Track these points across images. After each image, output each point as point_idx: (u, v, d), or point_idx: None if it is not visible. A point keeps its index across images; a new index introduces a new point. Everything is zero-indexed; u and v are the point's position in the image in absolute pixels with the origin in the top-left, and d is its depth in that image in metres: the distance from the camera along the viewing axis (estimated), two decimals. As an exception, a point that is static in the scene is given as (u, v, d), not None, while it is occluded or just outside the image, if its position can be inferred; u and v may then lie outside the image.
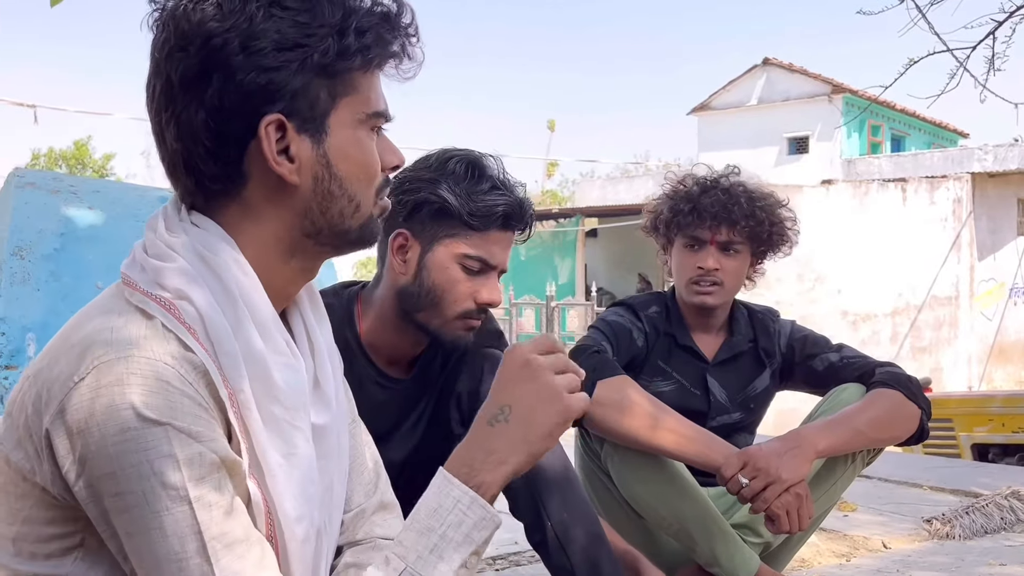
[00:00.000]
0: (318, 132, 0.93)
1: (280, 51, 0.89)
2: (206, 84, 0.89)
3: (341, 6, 0.92)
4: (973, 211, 13.64)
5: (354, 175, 0.96)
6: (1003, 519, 3.12)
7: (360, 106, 0.95)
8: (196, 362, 0.86)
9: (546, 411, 0.97)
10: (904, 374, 1.96)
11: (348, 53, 0.92)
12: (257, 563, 0.85)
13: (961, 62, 5.60)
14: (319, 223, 0.95)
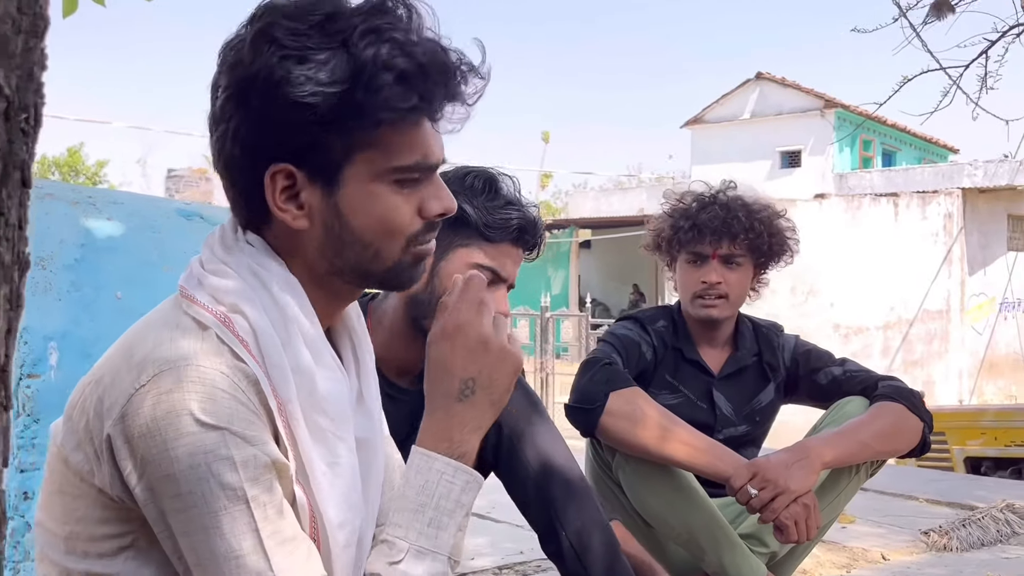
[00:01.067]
0: (330, 183, 0.94)
1: (289, 107, 0.89)
2: (226, 125, 0.94)
3: (357, 61, 0.89)
4: (964, 226, 13.75)
5: (369, 227, 0.95)
6: (999, 532, 3.17)
7: (381, 160, 0.94)
8: (248, 373, 0.90)
9: (502, 372, 1.03)
10: (907, 387, 2.01)
11: (358, 112, 0.90)
12: (305, 559, 0.90)
13: (954, 80, 5.68)
14: (338, 264, 0.98)
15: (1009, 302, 14.70)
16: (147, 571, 0.93)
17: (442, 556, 0.96)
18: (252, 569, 0.86)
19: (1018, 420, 6.42)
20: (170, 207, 2.39)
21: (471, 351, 1.01)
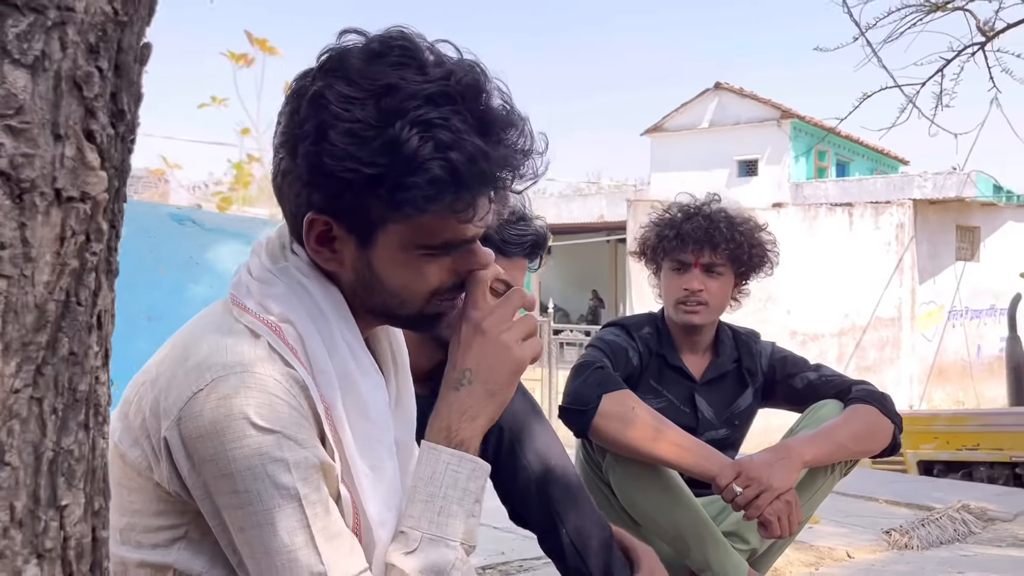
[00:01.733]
0: (364, 240, 0.98)
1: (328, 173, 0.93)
2: (277, 160, 0.99)
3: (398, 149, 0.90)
4: (915, 236, 14.15)
5: (396, 284, 1.00)
6: (956, 531, 3.32)
7: (410, 236, 0.97)
8: (298, 379, 0.96)
9: (501, 366, 1.06)
10: (878, 391, 2.12)
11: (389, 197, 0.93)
12: (350, 554, 0.96)
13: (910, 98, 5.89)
14: (367, 303, 1.04)
15: (957, 310, 15.14)
16: (198, 561, 0.99)
17: (454, 543, 1.01)
18: (303, 562, 0.92)
19: (969, 425, 6.65)
20: (163, 212, 2.43)
21: (469, 340, 1.05)
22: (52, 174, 0.58)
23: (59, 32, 0.57)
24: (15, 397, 0.57)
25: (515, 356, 1.06)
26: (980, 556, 2.97)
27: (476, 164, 0.92)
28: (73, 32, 0.58)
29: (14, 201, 0.56)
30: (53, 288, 0.59)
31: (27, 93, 0.56)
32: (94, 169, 0.61)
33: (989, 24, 5.52)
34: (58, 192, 0.59)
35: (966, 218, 15.34)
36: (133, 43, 0.65)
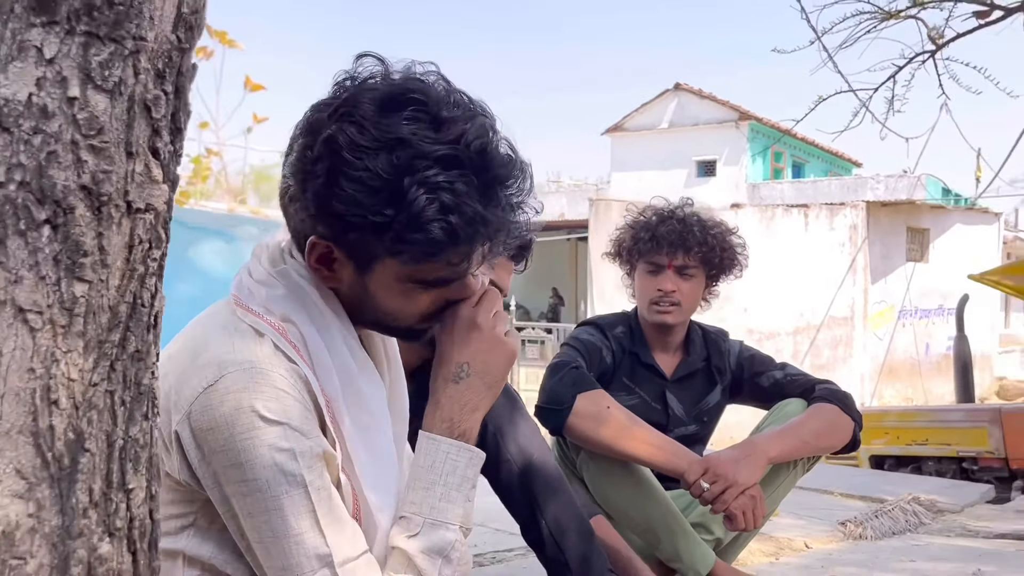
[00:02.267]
0: (362, 267, 1.04)
1: (330, 214, 0.99)
2: (285, 183, 1.05)
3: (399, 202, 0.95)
4: (868, 237, 14.49)
5: (391, 306, 1.07)
6: (907, 522, 3.47)
7: (409, 273, 1.03)
8: (301, 374, 1.02)
9: (497, 358, 1.13)
10: (840, 390, 2.23)
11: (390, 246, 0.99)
12: (352, 537, 1.02)
13: (864, 102, 6.08)
14: (361, 317, 1.11)
15: (907, 310, 15.54)
16: (206, 548, 1.05)
17: (454, 526, 1.08)
18: (309, 545, 0.98)
19: (918, 421, 6.88)
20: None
21: (465, 336, 1.12)
22: (124, 188, 0.64)
23: (133, 60, 0.63)
24: (93, 390, 0.62)
25: (508, 348, 1.14)
26: (930, 545, 3.11)
27: (474, 227, 0.98)
28: (145, 60, 0.64)
29: (94, 213, 0.62)
30: (124, 291, 0.65)
31: (106, 115, 0.62)
32: (158, 183, 0.67)
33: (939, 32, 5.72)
34: (129, 204, 0.65)
35: (916, 220, 15.75)
36: (189, 67, 0.71)
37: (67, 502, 0.60)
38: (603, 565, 1.71)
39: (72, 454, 0.61)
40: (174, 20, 0.67)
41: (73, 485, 0.61)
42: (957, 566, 2.71)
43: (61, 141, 0.59)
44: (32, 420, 0.58)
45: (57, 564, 0.60)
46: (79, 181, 0.61)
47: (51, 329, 0.59)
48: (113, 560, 0.64)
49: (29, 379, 0.58)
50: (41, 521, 0.59)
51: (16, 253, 0.58)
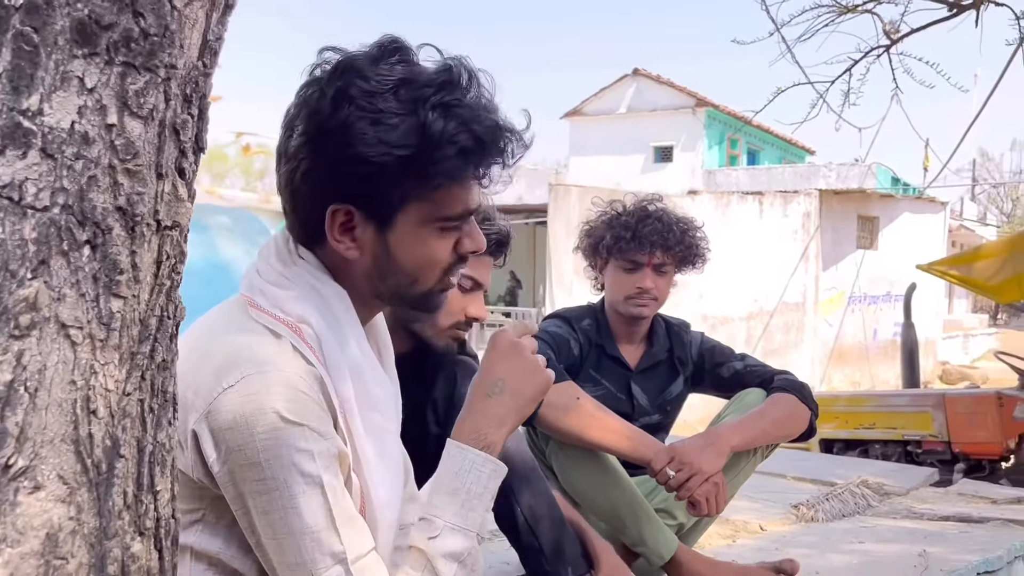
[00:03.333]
0: (384, 224, 1.09)
1: (357, 162, 1.03)
2: (296, 163, 1.08)
3: (424, 131, 1.02)
4: (820, 225, 14.80)
5: (412, 262, 1.11)
6: (856, 504, 3.60)
7: (430, 211, 1.09)
8: (317, 375, 1.06)
9: (532, 381, 1.20)
10: (798, 381, 2.32)
11: (420, 175, 1.05)
12: (363, 535, 1.06)
13: (821, 95, 6.23)
14: (380, 288, 1.14)
15: (856, 296, 15.93)
16: (214, 543, 1.08)
17: (472, 533, 1.14)
18: (325, 542, 1.02)
19: (866, 406, 7.11)
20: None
21: (503, 354, 1.19)
22: (155, 207, 0.68)
23: (165, 87, 0.67)
24: (127, 399, 0.66)
25: (544, 376, 1.20)
26: (878, 527, 3.25)
27: (495, 132, 1.06)
28: (175, 86, 0.68)
29: (128, 232, 0.66)
30: (153, 305, 0.69)
31: (141, 140, 0.66)
32: (183, 201, 0.71)
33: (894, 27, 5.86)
34: (158, 223, 0.68)
35: (866, 208, 16.12)
36: (209, 89, 0.74)
37: (104, 505, 0.64)
38: (576, 551, 1.78)
39: (109, 460, 0.65)
40: (200, 47, 0.70)
41: (110, 489, 0.65)
42: (904, 547, 2.83)
43: (100, 166, 0.63)
44: (73, 429, 0.62)
45: (95, 563, 0.64)
46: (115, 203, 0.64)
47: (90, 343, 0.63)
48: (143, 558, 0.68)
49: (71, 390, 0.62)
50: (81, 523, 0.63)
51: (59, 272, 0.61)
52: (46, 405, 0.61)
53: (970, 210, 25.98)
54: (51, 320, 0.61)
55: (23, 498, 0.59)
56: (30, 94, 0.59)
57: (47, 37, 0.60)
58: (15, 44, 0.59)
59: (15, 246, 0.59)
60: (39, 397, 0.60)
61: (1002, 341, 21.08)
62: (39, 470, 0.60)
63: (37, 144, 0.60)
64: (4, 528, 0.59)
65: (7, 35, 0.58)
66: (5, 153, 0.59)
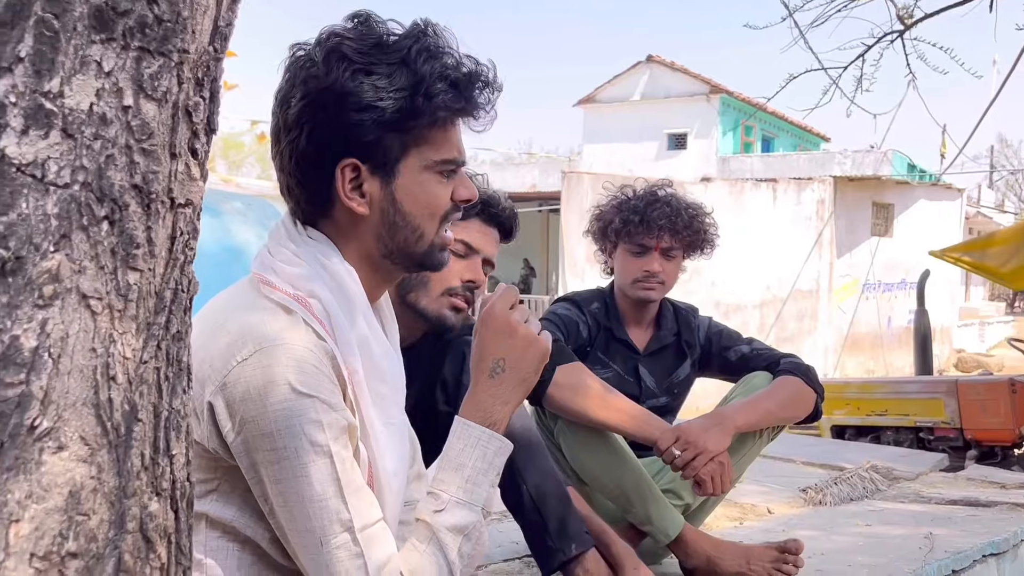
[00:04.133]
0: (388, 175, 1.15)
1: (358, 111, 1.11)
2: (300, 131, 1.13)
3: (415, 73, 1.11)
4: (834, 211, 14.73)
5: (416, 211, 1.17)
6: (865, 488, 3.62)
7: (429, 154, 1.16)
8: (327, 349, 1.10)
9: (531, 355, 1.23)
10: (804, 364, 2.34)
11: (416, 113, 1.12)
12: (370, 503, 1.10)
13: (834, 80, 6.20)
14: (389, 246, 1.19)
15: (871, 283, 15.86)
16: (229, 511, 1.13)
17: (477, 507, 1.17)
18: (333, 509, 1.06)
19: (878, 392, 7.10)
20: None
21: (499, 335, 1.22)
22: (169, 186, 0.71)
23: (178, 71, 0.70)
24: (144, 367, 0.70)
25: (541, 347, 1.23)
26: (886, 510, 3.27)
27: (477, 69, 1.15)
28: (187, 70, 0.71)
29: (144, 209, 0.69)
30: (168, 278, 0.73)
31: (155, 121, 0.69)
32: (196, 180, 0.75)
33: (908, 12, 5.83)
34: (172, 200, 0.72)
35: (881, 195, 16.03)
36: (220, 73, 0.78)
37: (123, 466, 0.68)
38: (580, 527, 1.82)
39: (127, 423, 0.68)
40: (211, 33, 0.73)
41: (128, 451, 0.68)
42: (910, 529, 2.86)
43: (117, 145, 0.66)
44: (94, 393, 0.66)
45: (115, 520, 0.68)
46: (132, 181, 0.68)
47: (109, 313, 0.67)
48: (160, 517, 0.72)
49: (91, 357, 0.66)
50: (102, 482, 0.67)
51: (79, 246, 0.65)
52: (68, 371, 0.64)
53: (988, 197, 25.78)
54: (72, 291, 0.65)
55: (47, 457, 0.63)
56: (51, 77, 0.63)
57: (67, 23, 0.63)
58: (37, 30, 0.62)
59: (38, 221, 0.63)
60: (62, 363, 0.64)
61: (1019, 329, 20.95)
62: (62, 431, 0.64)
63: (58, 124, 0.64)
64: (30, 485, 0.63)
65: (29, 21, 0.62)
66: (29, 133, 0.62)
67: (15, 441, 0.62)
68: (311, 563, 1.07)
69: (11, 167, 0.62)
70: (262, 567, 1.15)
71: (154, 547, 0.71)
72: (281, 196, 1.21)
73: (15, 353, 0.62)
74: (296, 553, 1.09)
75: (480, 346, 1.24)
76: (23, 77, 0.62)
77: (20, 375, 0.62)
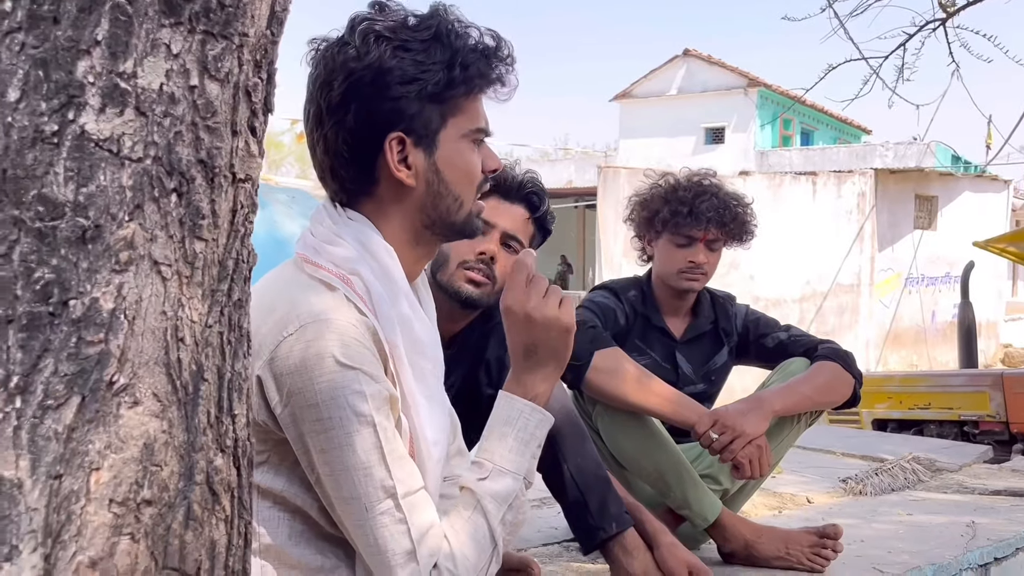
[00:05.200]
0: (430, 146, 1.21)
1: (401, 84, 1.17)
2: (345, 110, 1.18)
3: (450, 47, 1.18)
4: (875, 205, 14.53)
5: (457, 179, 1.24)
6: (906, 479, 3.60)
7: (464, 124, 1.23)
8: (368, 324, 1.15)
9: (555, 335, 1.25)
10: (842, 349, 2.35)
11: (454, 84, 1.19)
12: (412, 472, 1.15)
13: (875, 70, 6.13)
14: (432, 216, 1.24)
15: (914, 277, 15.61)
16: (278, 481, 1.18)
17: (519, 476, 1.21)
18: (376, 476, 1.11)
19: (920, 385, 7.01)
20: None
21: (521, 326, 1.25)
22: (230, 161, 0.76)
23: (238, 53, 0.75)
24: (209, 331, 0.75)
25: (563, 324, 1.25)
26: (927, 501, 3.25)
27: (499, 39, 1.23)
28: (247, 52, 0.76)
29: (208, 183, 0.74)
30: (230, 248, 0.77)
31: (218, 100, 0.74)
32: (255, 156, 0.79)
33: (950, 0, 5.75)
34: (234, 175, 0.77)
35: (925, 188, 15.77)
36: (276, 56, 0.82)
37: (191, 422, 0.73)
38: (620, 507, 1.85)
39: (195, 383, 0.73)
40: (268, 18, 0.78)
41: (195, 408, 0.73)
42: (952, 518, 2.84)
43: (184, 122, 0.71)
44: (164, 353, 0.71)
45: (184, 472, 0.73)
46: (197, 156, 0.73)
47: (178, 279, 0.72)
48: (224, 472, 0.77)
49: (162, 320, 0.71)
50: (172, 436, 0.72)
51: (151, 216, 0.70)
52: (142, 331, 0.70)
53: (1035, 189, 25.18)
54: (145, 258, 0.70)
55: (124, 411, 0.69)
56: (125, 59, 0.68)
57: (139, 9, 0.68)
58: (112, 15, 0.67)
59: (115, 192, 0.68)
60: (136, 324, 0.69)
61: (1068, 323, 20.46)
62: (137, 388, 0.69)
63: (132, 103, 0.69)
64: (109, 436, 0.68)
65: (105, 7, 0.67)
66: (105, 111, 0.67)
67: (95, 395, 0.67)
68: (357, 530, 1.12)
69: (90, 142, 0.67)
70: (312, 535, 1.20)
71: (219, 499, 0.76)
72: (321, 183, 1.26)
73: (95, 314, 0.67)
74: (342, 520, 1.14)
75: (508, 336, 1.28)
76: (100, 59, 0.67)
77: (100, 334, 0.67)
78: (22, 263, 0.66)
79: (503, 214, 1.91)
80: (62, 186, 0.67)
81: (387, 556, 1.11)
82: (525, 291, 1.24)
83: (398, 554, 1.11)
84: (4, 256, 0.65)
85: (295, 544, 1.19)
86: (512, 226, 1.92)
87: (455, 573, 1.13)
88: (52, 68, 0.66)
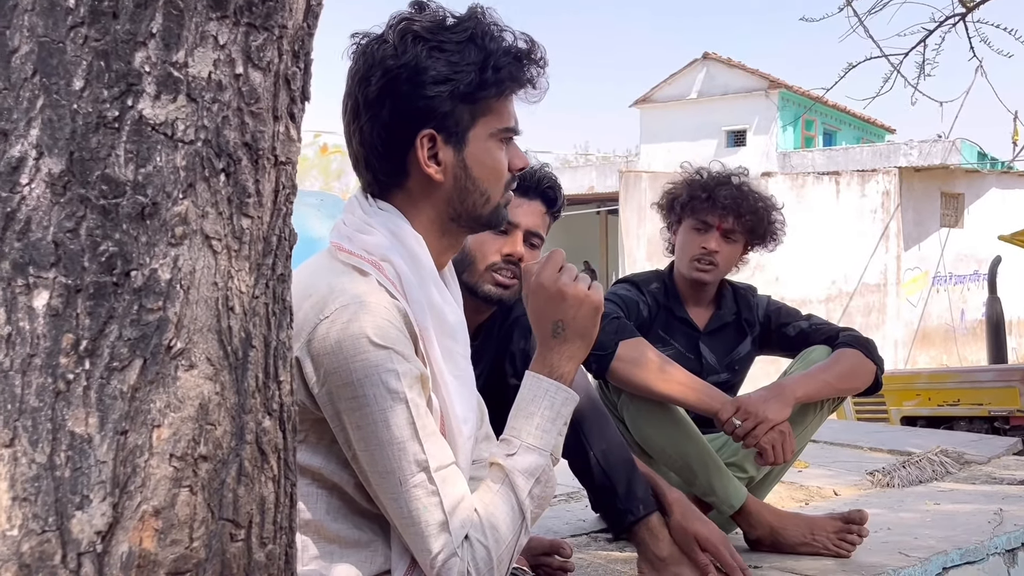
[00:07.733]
0: (460, 143, 1.27)
1: (436, 84, 1.23)
2: (381, 106, 1.24)
3: (484, 49, 1.24)
4: (900, 203, 14.44)
5: (484, 176, 1.29)
6: (934, 471, 3.60)
7: (494, 123, 1.29)
8: (400, 307, 1.20)
9: (584, 312, 1.29)
10: (863, 337, 2.38)
11: (486, 85, 1.25)
12: (443, 447, 1.20)
13: (895, 67, 6.13)
14: (459, 209, 1.30)
15: (941, 276, 15.48)
16: (317, 459, 1.24)
17: (546, 452, 1.26)
18: (410, 451, 1.16)
19: (949, 382, 6.96)
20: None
21: (551, 300, 1.29)
22: (273, 145, 0.82)
23: (278, 44, 0.81)
24: (255, 301, 0.81)
25: (592, 302, 1.30)
26: (955, 491, 3.26)
27: (532, 43, 1.28)
28: (286, 43, 0.82)
29: (253, 164, 0.80)
30: (273, 226, 0.83)
31: (261, 88, 0.80)
32: (294, 141, 0.85)
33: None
34: (276, 158, 0.83)
35: (950, 185, 15.64)
36: (312, 47, 0.89)
37: (241, 385, 0.79)
38: (646, 492, 1.89)
39: (244, 349, 0.79)
40: (304, 11, 0.84)
41: (245, 373, 0.79)
42: (979, 507, 2.85)
43: (231, 108, 0.77)
44: (216, 321, 0.77)
45: (236, 432, 0.78)
46: (243, 139, 0.79)
47: (227, 253, 0.78)
48: (272, 433, 0.83)
49: (214, 290, 0.77)
50: (224, 398, 0.77)
51: (202, 194, 0.76)
52: (196, 300, 0.76)
53: (1064, 184, 24.86)
54: (198, 232, 0.76)
55: (182, 374, 0.74)
56: (178, 50, 0.74)
57: (189, 3, 0.75)
58: (165, 10, 0.74)
59: (170, 172, 0.74)
60: (191, 293, 0.75)
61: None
62: (192, 352, 0.75)
63: (184, 90, 0.75)
64: (168, 396, 0.74)
65: (159, 2, 0.73)
66: (160, 97, 0.74)
67: (156, 358, 0.73)
68: (392, 503, 1.17)
69: (147, 126, 0.73)
70: (348, 511, 1.25)
71: (267, 459, 0.82)
72: (355, 172, 1.32)
73: (154, 284, 0.73)
74: (377, 495, 1.20)
75: (535, 313, 1.32)
76: (155, 50, 0.74)
77: (159, 302, 0.73)
78: (88, 237, 0.72)
79: (524, 212, 1.96)
80: (123, 167, 0.73)
81: (421, 527, 1.16)
82: (558, 272, 1.30)
83: (431, 525, 1.16)
84: (72, 231, 0.72)
85: (333, 519, 1.25)
86: (533, 223, 1.97)
87: (485, 544, 1.18)
88: (112, 59, 0.73)
